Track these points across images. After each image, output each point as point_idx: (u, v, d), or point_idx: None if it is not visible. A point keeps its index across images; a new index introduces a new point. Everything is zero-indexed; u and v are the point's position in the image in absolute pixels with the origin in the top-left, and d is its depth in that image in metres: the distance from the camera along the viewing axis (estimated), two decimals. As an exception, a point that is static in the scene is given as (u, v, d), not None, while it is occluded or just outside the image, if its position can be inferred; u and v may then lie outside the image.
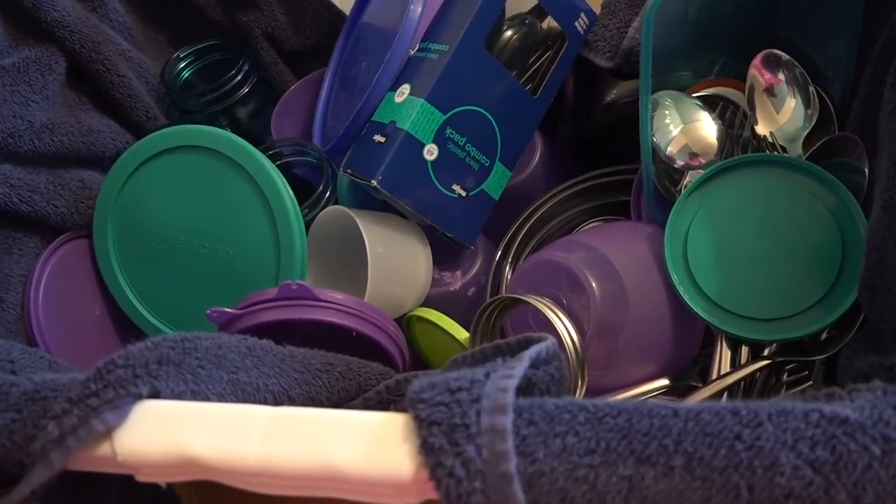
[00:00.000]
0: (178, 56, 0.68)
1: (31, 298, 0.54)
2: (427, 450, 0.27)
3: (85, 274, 0.60)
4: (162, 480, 0.31)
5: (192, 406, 0.31)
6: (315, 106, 0.68)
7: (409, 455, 0.27)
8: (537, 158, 0.63)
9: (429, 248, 0.58)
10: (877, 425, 0.25)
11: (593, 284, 0.49)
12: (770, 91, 0.51)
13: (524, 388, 0.30)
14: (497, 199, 0.58)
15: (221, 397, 0.33)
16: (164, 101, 0.67)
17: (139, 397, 0.30)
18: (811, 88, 0.51)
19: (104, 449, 0.30)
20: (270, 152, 0.61)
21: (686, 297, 0.49)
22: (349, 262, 0.58)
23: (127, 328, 0.61)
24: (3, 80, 0.51)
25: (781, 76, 0.51)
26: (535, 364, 0.31)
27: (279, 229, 0.54)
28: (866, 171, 0.47)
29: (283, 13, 0.68)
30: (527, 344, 0.32)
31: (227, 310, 0.50)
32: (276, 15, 0.68)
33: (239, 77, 0.66)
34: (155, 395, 0.31)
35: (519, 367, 0.29)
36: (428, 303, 0.58)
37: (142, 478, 0.31)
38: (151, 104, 0.64)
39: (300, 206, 0.55)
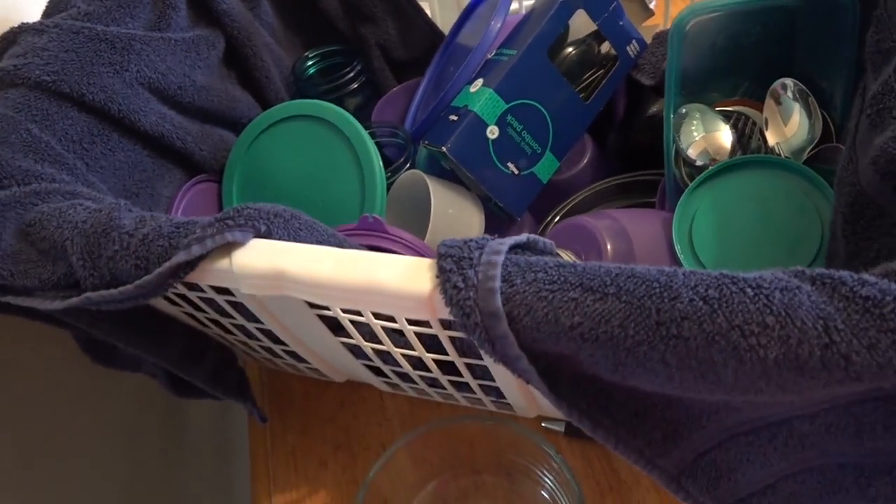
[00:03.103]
0: (307, 55, 0.84)
1: (171, 218, 0.69)
2: (440, 271, 0.38)
3: (211, 210, 0.75)
4: (258, 293, 0.43)
5: (289, 244, 0.44)
6: (409, 106, 0.82)
7: (430, 279, 0.39)
8: (586, 160, 0.74)
9: (483, 214, 0.70)
10: (756, 279, 0.35)
11: (608, 244, 0.59)
12: (777, 99, 0.62)
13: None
14: (545, 182, 0.70)
15: (309, 251, 0.46)
16: (291, 88, 0.84)
17: (258, 232, 0.44)
18: (810, 99, 0.61)
19: (224, 263, 0.43)
20: (368, 131, 0.75)
21: (685, 265, 0.58)
22: (418, 221, 0.70)
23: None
24: (181, 47, 0.68)
25: (790, 95, 0.61)
26: (536, 251, 0.42)
27: (366, 184, 0.68)
28: (850, 175, 0.56)
29: (394, 29, 0.84)
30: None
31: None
32: (389, 29, 0.83)
33: (351, 74, 0.81)
34: (268, 234, 0.44)
35: (518, 237, 0.40)
36: (477, 263, 0.70)
37: (245, 289, 0.44)
38: (282, 88, 0.80)
39: (385, 170, 0.69)
